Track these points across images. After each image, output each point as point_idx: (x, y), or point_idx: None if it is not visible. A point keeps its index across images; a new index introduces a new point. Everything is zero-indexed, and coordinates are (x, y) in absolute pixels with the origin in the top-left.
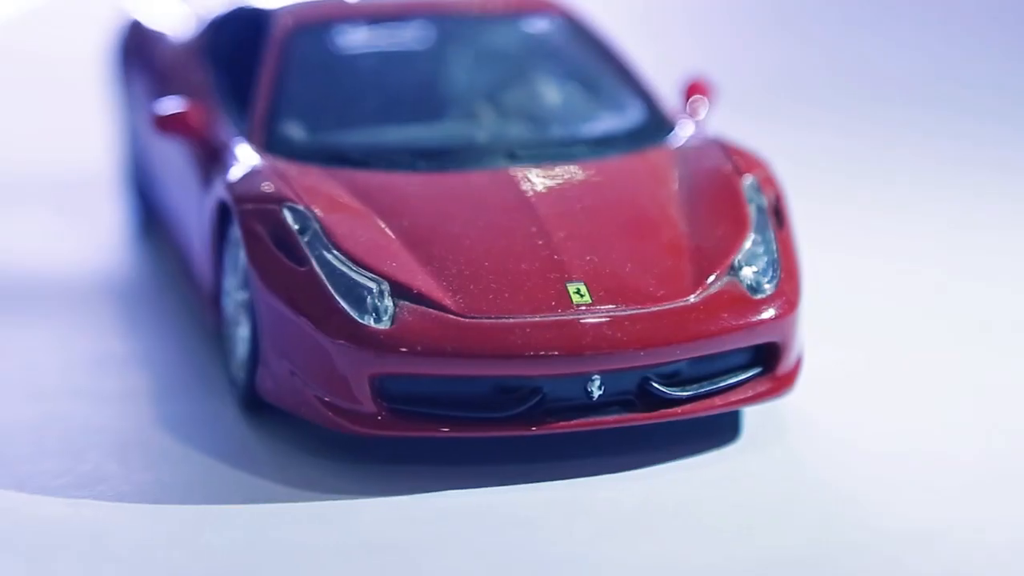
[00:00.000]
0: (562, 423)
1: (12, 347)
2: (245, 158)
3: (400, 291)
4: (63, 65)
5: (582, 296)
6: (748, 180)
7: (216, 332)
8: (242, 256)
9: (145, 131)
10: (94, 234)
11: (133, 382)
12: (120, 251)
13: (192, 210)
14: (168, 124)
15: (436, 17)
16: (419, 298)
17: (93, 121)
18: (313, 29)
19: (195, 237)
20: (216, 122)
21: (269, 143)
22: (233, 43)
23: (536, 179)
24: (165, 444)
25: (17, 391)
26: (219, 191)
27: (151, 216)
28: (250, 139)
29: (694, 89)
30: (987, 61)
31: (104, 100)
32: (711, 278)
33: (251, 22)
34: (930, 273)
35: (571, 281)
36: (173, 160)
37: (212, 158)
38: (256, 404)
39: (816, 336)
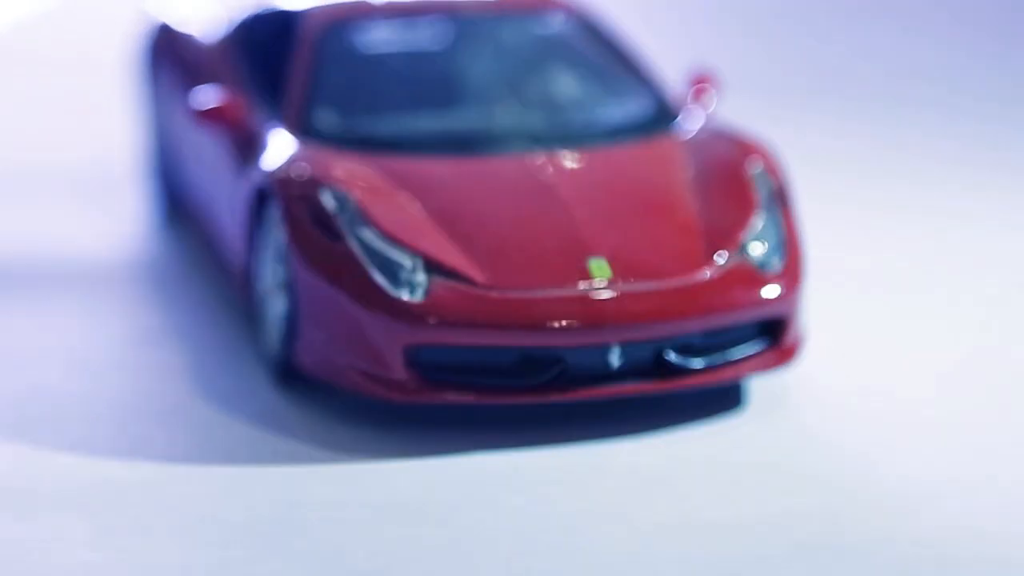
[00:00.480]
0: (583, 391)
1: (52, 324)
2: (283, 145)
3: (432, 266)
4: (77, 65)
5: (603, 271)
6: (755, 165)
7: (246, 310)
8: (281, 236)
9: (174, 125)
10: (122, 223)
11: (170, 356)
12: (147, 239)
13: (227, 196)
14: (209, 116)
15: (454, 16)
16: (450, 273)
17: (111, 118)
18: (343, 26)
19: (229, 221)
20: (251, 113)
21: (306, 131)
22: (263, 42)
23: (555, 164)
24: (205, 413)
25: (62, 363)
26: (258, 176)
27: (176, 206)
28: (287, 127)
29: (700, 81)
30: (981, 63)
31: (122, 98)
32: (723, 256)
33: (280, 22)
34: (926, 264)
35: (593, 257)
36: (207, 151)
37: (248, 147)
38: (289, 376)
39: (818, 318)
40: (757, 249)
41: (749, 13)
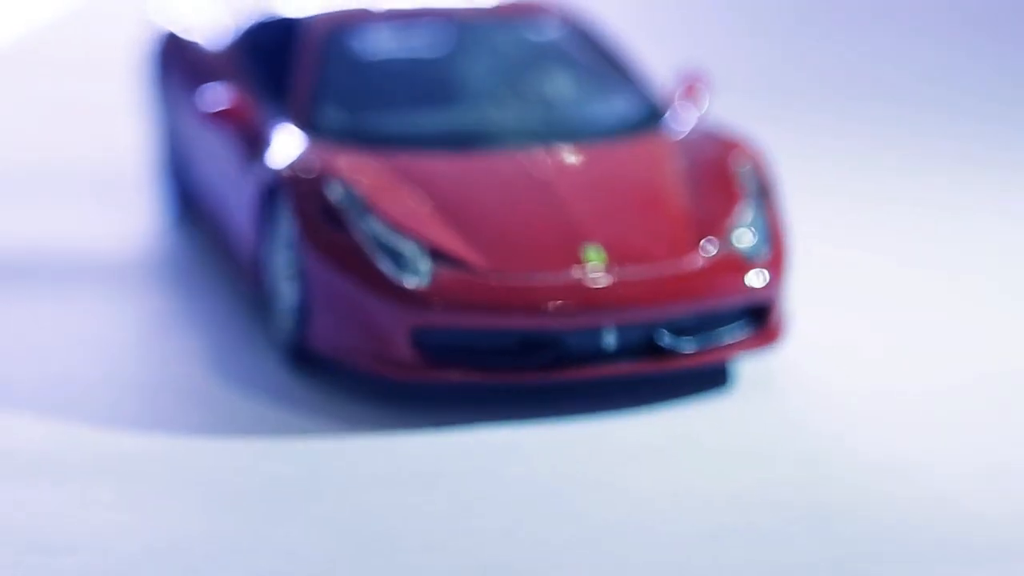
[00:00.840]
0: (579, 371)
1: (75, 313)
2: (291, 142)
3: (435, 254)
4: (88, 73)
5: (598, 257)
6: (742, 162)
7: (258, 299)
8: (291, 228)
9: (184, 127)
10: (136, 221)
11: (186, 342)
12: (160, 236)
13: (238, 191)
14: (219, 116)
15: (452, 21)
16: (452, 260)
17: (122, 122)
18: (346, 30)
19: (241, 215)
20: (259, 114)
21: (313, 128)
22: (268, 47)
23: (550, 159)
24: (221, 392)
25: (85, 348)
26: (268, 171)
27: (187, 205)
28: (295, 125)
29: (691, 81)
30: (982, 64)
31: (132, 103)
32: (712, 245)
33: (285, 29)
34: (917, 256)
35: (588, 244)
36: (217, 150)
37: (257, 145)
38: (302, 358)
39: (806, 307)
40: (744, 239)
41: (752, 14)
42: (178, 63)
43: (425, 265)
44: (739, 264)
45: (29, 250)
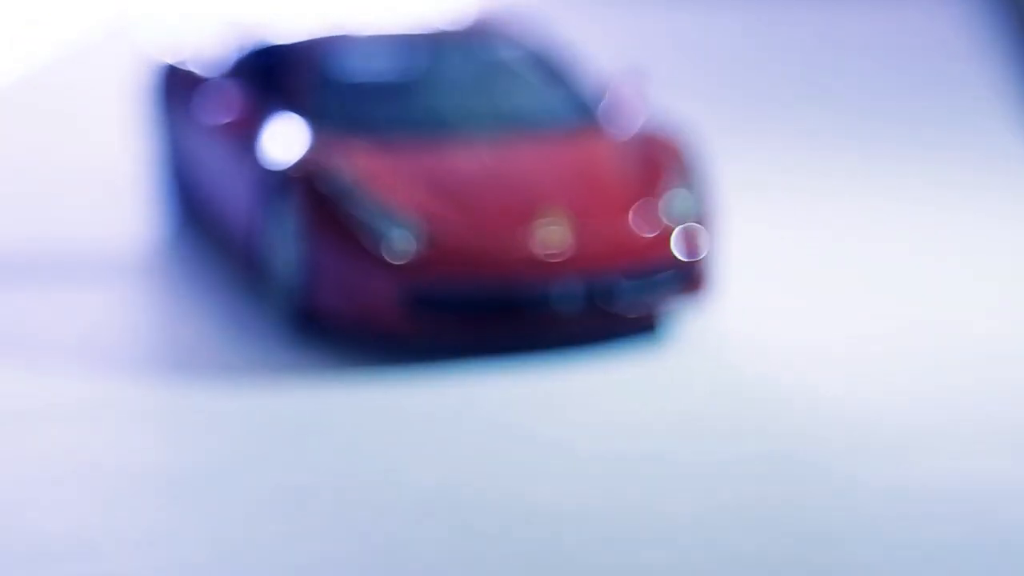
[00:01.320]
0: (539, 325)
1: (101, 305)
2: (293, 137)
3: (421, 225)
4: (88, 106)
5: (557, 225)
6: (675, 147)
7: (261, 281)
8: (294, 209)
9: (188, 144)
10: (142, 230)
11: (202, 324)
12: (165, 242)
13: (244, 187)
14: (228, 126)
15: (424, 42)
16: (436, 230)
17: (125, 144)
18: (335, 52)
19: (247, 207)
20: (259, 120)
21: (312, 124)
22: (264, 69)
23: (511, 145)
24: (232, 356)
25: (98, 339)
26: (273, 165)
27: (188, 217)
28: (301, 119)
29: (630, 81)
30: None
31: (133, 128)
32: (651, 207)
33: (277, 54)
34: (842, 227)
35: (547, 213)
36: (224, 156)
37: (259, 147)
38: (305, 326)
39: (750, 275)
40: (679, 201)
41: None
42: (180, 90)
43: (411, 237)
44: (676, 231)
45: (56, 256)
